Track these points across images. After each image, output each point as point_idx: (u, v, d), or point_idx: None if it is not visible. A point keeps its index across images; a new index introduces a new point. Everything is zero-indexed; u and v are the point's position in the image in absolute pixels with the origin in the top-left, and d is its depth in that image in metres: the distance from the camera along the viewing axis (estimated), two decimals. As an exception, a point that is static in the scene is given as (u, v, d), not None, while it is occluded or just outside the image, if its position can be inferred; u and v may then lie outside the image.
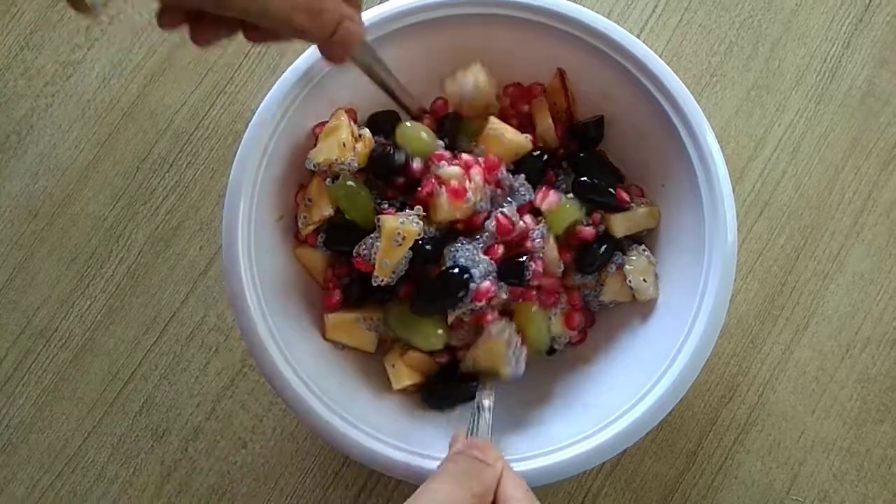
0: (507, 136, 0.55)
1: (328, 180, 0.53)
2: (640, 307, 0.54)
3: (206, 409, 0.62)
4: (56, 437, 0.62)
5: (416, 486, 0.60)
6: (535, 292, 0.54)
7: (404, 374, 0.54)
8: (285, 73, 0.52)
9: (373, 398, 0.53)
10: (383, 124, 0.56)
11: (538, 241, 0.52)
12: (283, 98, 0.51)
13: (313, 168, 0.52)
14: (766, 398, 0.62)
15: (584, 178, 0.55)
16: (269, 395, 0.62)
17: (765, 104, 0.66)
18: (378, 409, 0.53)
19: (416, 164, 0.53)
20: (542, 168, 0.57)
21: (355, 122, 0.55)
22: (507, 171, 0.55)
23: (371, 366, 0.55)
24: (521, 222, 0.52)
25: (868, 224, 0.65)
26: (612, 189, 0.55)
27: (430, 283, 0.51)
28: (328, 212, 0.53)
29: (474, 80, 0.55)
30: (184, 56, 0.67)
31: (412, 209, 0.52)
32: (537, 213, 0.54)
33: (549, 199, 0.53)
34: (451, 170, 0.52)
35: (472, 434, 0.46)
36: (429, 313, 0.52)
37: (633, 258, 0.54)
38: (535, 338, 0.54)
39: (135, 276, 0.64)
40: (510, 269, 0.52)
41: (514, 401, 0.54)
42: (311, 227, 0.54)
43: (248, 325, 0.49)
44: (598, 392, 0.53)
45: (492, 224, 0.52)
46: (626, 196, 0.55)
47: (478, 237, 0.52)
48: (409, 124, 0.54)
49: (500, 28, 0.54)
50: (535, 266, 0.52)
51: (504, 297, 0.52)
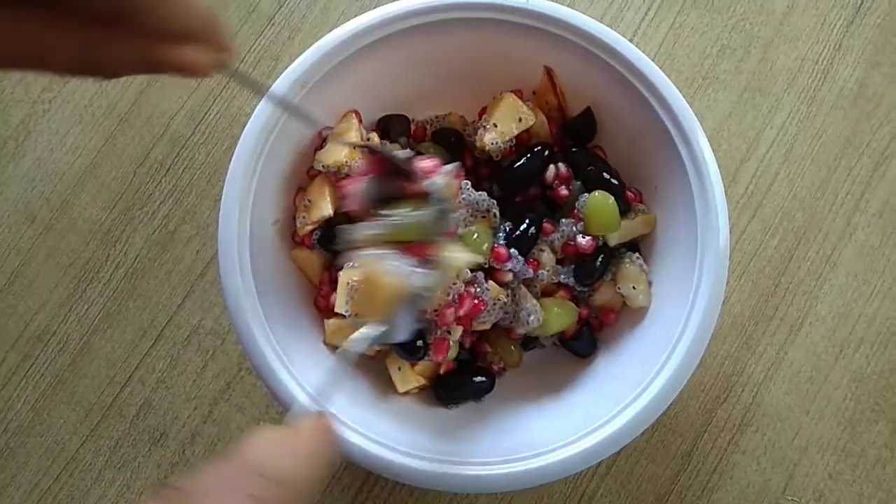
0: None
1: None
2: (629, 310, 0.55)
3: (204, 412, 0.62)
4: (54, 440, 0.62)
5: (413, 488, 0.60)
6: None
7: (410, 378, 0.54)
8: (280, 78, 0.52)
9: (371, 401, 0.54)
10: (395, 126, 0.57)
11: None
12: (278, 102, 0.52)
13: (322, 169, 0.53)
14: (760, 399, 0.62)
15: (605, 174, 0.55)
16: (267, 399, 0.62)
17: (757, 106, 0.67)
18: (376, 412, 0.53)
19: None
20: (541, 164, 0.56)
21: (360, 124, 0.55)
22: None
23: (369, 369, 0.56)
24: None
25: (861, 224, 0.65)
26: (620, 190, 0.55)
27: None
28: (328, 212, 0.53)
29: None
30: (180, 61, 0.67)
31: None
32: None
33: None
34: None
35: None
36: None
37: (626, 266, 0.55)
38: (553, 321, 0.54)
39: (132, 280, 0.64)
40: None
41: (507, 402, 0.55)
42: (309, 228, 0.54)
43: (244, 328, 0.49)
44: (592, 393, 0.53)
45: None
46: (632, 195, 0.55)
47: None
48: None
49: (492, 33, 0.54)
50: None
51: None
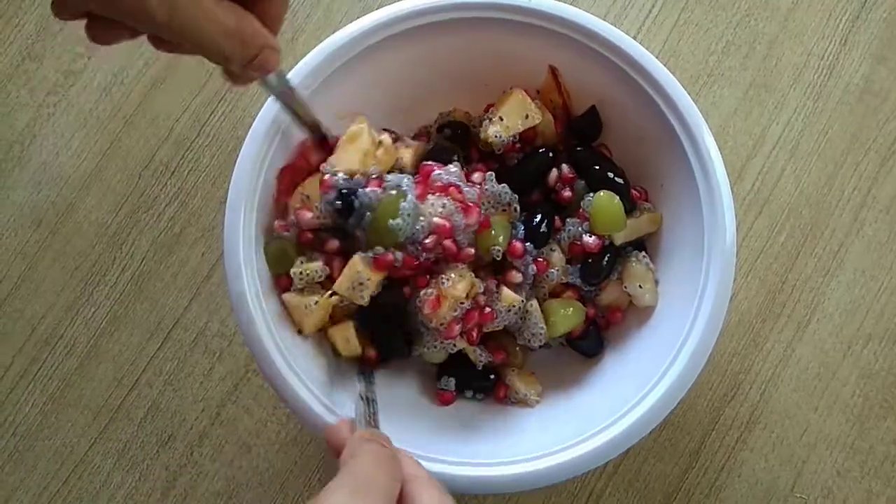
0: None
1: None
2: (637, 308, 0.55)
3: (211, 414, 0.62)
4: (62, 443, 0.62)
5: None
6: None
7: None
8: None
9: (382, 402, 0.53)
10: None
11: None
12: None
13: (333, 174, 0.52)
14: (768, 396, 0.62)
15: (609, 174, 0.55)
16: (273, 400, 0.62)
17: (763, 103, 0.67)
18: (386, 413, 0.53)
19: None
20: (547, 165, 0.57)
21: None
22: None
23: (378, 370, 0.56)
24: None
25: (868, 220, 0.65)
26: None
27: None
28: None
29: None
30: (184, 63, 0.68)
31: None
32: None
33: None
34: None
35: (365, 425, 0.45)
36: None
37: (633, 264, 0.55)
38: (560, 322, 0.54)
39: (138, 282, 0.65)
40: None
41: (514, 402, 0.55)
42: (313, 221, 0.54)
43: (250, 329, 0.49)
44: (599, 393, 0.53)
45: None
46: (637, 193, 0.55)
47: None
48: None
49: (496, 32, 0.54)
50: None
51: None
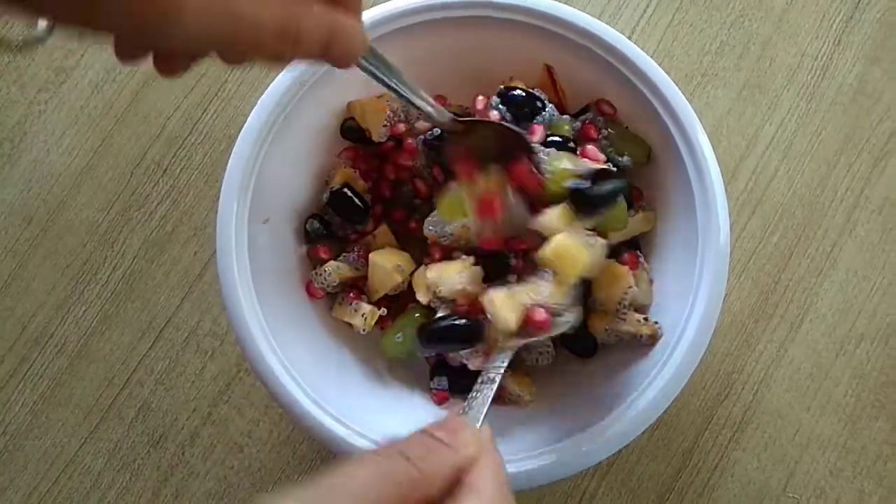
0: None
1: None
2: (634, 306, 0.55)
3: (203, 413, 0.62)
4: (52, 443, 0.62)
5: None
6: None
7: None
8: (279, 76, 0.52)
9: (373, 402, 0.54)
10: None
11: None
12: (276, 101, 0.51)
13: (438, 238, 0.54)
14: (761, 396, 0.62)
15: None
16: (266, 399, 0.62)
17: (756, 103, 0.67)
18: (378, 413, 0.53)
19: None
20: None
21: None
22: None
23: (372, 368, 0.56)
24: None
25: (861, 221, 0.65)
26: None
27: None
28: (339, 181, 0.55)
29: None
30: (176, 61, 0.67)
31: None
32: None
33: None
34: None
35: (464, 410, 0.42)
36: None
37: None
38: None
39: (130, 281, 0.64)
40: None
41: (507, 402, 0.55)
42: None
43: (242, 329, 0.49)
44: (592, 392, 0.53)
45: None
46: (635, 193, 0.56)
47: None
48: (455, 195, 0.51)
49: (489, 31, 0.54)
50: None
51: None
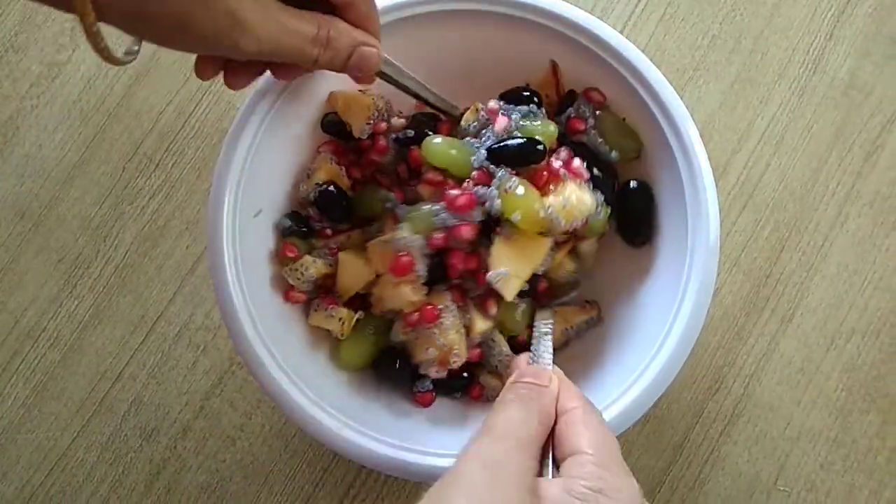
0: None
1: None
2: (622, 301, 0.55)
3: (195, 407, 0.62)
4: (45, 436, 0.62)
5: (406, 482, 0.60)
6: None
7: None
8: (269, 71, 0.52)
9: (363, 395, 0.54)
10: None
11: None
12: (266, 95, 0.51)
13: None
14: (752, 389, 0.62)
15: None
16: (258, 393, 0.62)
17: (748, 97, 0.67)
18: (368, 405, 0.53)
19: None
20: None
21: None
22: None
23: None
24: None
25: (852, 215, 0.65)
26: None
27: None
28: (322, 176, 0.55)
29: None
30: (168, 56, 0.67)
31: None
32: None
33: None
34: None
35: (532, 360, 0.47)
36: None
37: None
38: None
39: (122, 275, 0.64)
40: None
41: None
42: (308, 188, 0.56)
43: (234, 323, 0.49)
44: (582, 385, 0.53)
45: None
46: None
47: None
48: (437, 140, 0.52)
49: (480, 25, 0.54)
50: None
51: None
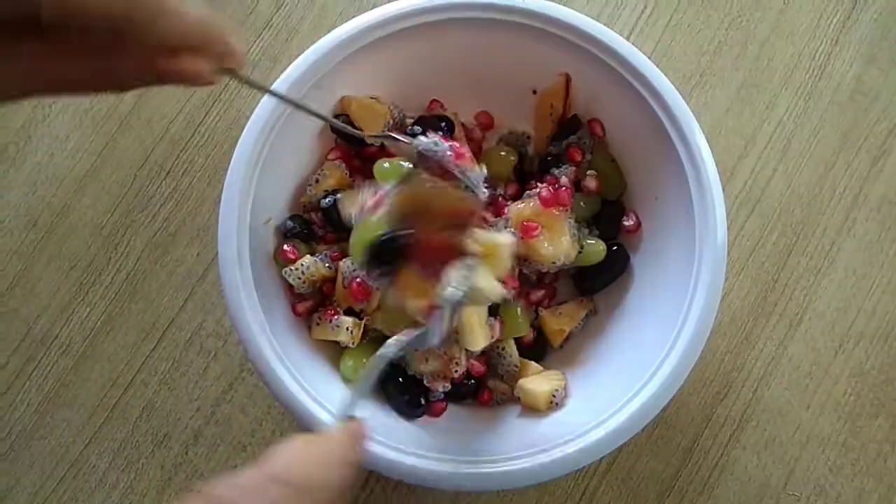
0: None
1: None
2: (629, 306, 0.55)
3: (206, 413, 0.63)
4: (57, 443, 0.62)
5: (416, 489, 0.60)
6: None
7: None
8: (278, 80, 0.52)
9: (371, 401, 0.54)
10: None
11: None
12: (276, 104, 0.52)
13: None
14: (760, 394, 0.63)
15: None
16: (268, 399, 0.62)
17: (754, 102, 0.67)
18: (377, 411, 0.53)
19: None
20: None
21: None
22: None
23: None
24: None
25: (859, 219, 0.65)
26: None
27: None
28: (332, 183, 0.56)
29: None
30: (179, 65, 0.68)
31: None
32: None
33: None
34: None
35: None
36: None
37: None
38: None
39: (133, 282, 0.65)
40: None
41: (507, 402, 0.55)
42: (317, 193, 0.57)
43: (245, 330, 0.49)
44: (591, 391, 0.53)
45: None
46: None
47: None
48: (386, 164, 0.51)
49: (488, 32, 0.54)
50: None
51: None
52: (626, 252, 0.57)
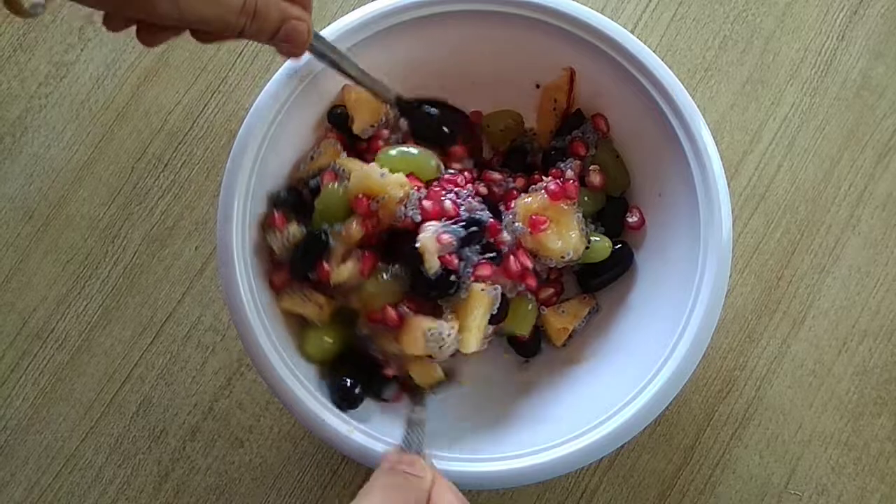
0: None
1: None
2: (632, 304, 0.55)
3: (204, 408, 0.62)
4: (54, 437, 0.62)
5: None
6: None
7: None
8: (279, 72, 0.52)
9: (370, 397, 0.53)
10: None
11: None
12: (276, 96, 0.51)
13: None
14: (763, 392, 0.62)
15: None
16: (267, 395, 0.62)
17: (760, 98, 0.66)
18: (376, 408, 0.53)
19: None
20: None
21: None
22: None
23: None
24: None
25: (864, 217, 0.65)
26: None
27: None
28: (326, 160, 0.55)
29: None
30: (177, 56, 0.67)
31: None
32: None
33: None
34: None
35: (406, 449, 0.46)
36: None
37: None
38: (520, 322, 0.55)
39: (130, 276, 0.64)
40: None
41: (508, 399, 0.55)
42: (310, 170, 0.55)
43: (243, 324, 0.49)
44: (595, 389, 0.53)
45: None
46: None
47: None
48: (392, 152, 0.52)
49: (491, 25, 0.54)
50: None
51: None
52: (630, 249, 0.56)
